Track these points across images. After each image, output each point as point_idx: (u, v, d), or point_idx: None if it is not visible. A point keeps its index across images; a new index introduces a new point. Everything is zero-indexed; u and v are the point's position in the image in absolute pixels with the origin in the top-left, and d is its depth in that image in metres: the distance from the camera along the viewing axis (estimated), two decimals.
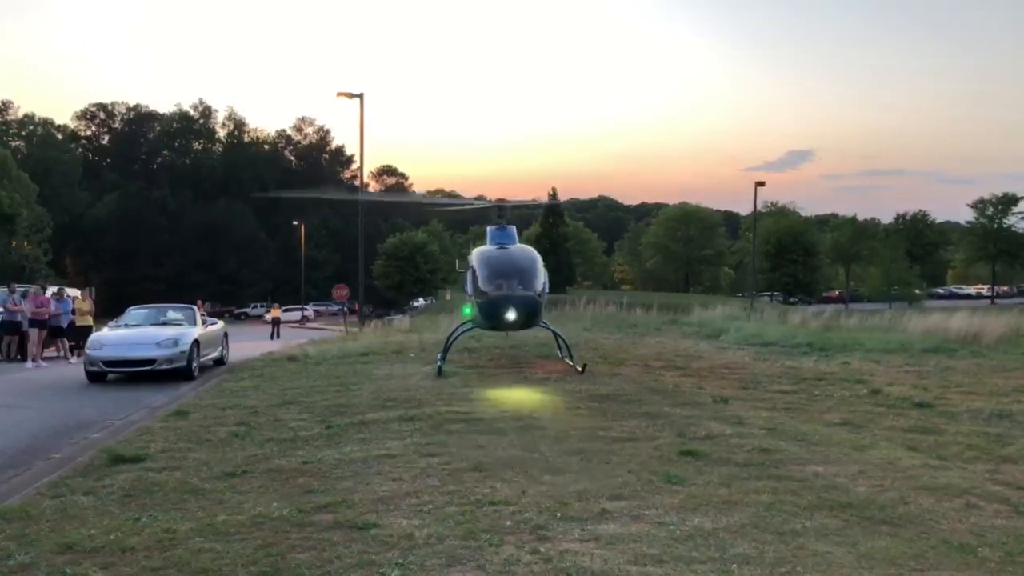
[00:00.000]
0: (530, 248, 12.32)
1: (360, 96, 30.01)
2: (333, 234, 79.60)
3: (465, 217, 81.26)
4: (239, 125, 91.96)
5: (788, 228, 74.53)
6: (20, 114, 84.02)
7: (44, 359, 17.16)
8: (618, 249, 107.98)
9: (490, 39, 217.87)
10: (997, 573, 3.86)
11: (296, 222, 70.23)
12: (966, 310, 21.66)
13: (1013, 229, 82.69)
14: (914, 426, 7.59)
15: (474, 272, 11.36)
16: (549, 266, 13.01)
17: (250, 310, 72.70)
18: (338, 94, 30.04)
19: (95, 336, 14.59)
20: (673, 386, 10.21)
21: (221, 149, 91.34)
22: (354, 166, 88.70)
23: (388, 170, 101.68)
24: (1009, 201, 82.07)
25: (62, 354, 18.14)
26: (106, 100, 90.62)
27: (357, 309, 38.43)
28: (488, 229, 12.98)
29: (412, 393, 9.55)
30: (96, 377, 13.31)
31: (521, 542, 4.18)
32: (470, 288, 11.62)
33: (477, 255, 11.80)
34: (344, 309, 43.75)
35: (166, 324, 14.82)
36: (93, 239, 74.93)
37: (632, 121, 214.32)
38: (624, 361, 13.22)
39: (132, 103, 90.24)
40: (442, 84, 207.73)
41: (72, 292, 20.70)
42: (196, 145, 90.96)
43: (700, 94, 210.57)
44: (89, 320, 18.46)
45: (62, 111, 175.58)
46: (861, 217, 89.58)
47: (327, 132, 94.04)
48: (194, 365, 13.68)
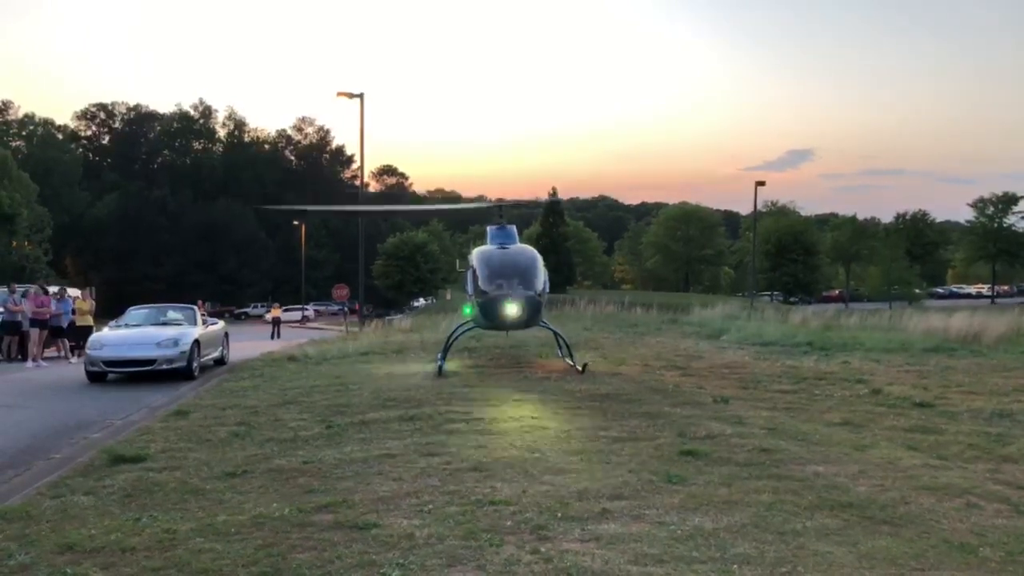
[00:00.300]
0: (530, 248, 12.32)
1: (360, 96, 30.06)
2: (333, 234, 79.65)
3: (465, 217, 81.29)
4: (239, 125, 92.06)
5: (788, 227, 74.55)
6: (20, 114, 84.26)
7: (44, 359, 17.16)
8: (618, 248, 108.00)
9: (490, 39, 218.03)
10: (998, 573, 3.86)
11: (296, 222, 70.26)
12: (966, 309, 21.68)
13: (1013, 228, 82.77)
14: (914, 426, 7.59)
15: (474, 272, 11.36)
16: (549, 266, 13.01)
17: (250, 310, 72.73)
18: (338, 94, 30.14)
19: (95, 336, 14.60)
20: (673, 386, 10.21)
21: (221, 149, 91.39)
22: (354, 166, 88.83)
23: (388, 170, 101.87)
24: (1009, 200, 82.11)
25: (62, 354, 18.15)
26: (106, 100, 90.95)
27: (357, 309, 38.45)
28: (488, 229, 12.97)
29: (412, 393, 9.54)
30: (96, 377, 13.31)
31: (521, 542, 4.18)
32: (470, 288, 11.62)
33: (477, 255, 11.80)
34: (344, 309, 43.77)
35: (166, 324, 14.83)
36: (93, 239, 74.94)
37: (632, 121, 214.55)
38: (624, 361, 13.21)
39: (132, 103, 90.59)
40: (442, 84, 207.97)
41: (72, 292, 20.72)
42: (196, 145, 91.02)
43: (700, 94, 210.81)
44: (89, 320, 18.46)
45: (62, 111, 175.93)
46: (861, 217, 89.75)
47: (327, 132, 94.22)
48: (194, 365, 13.68)
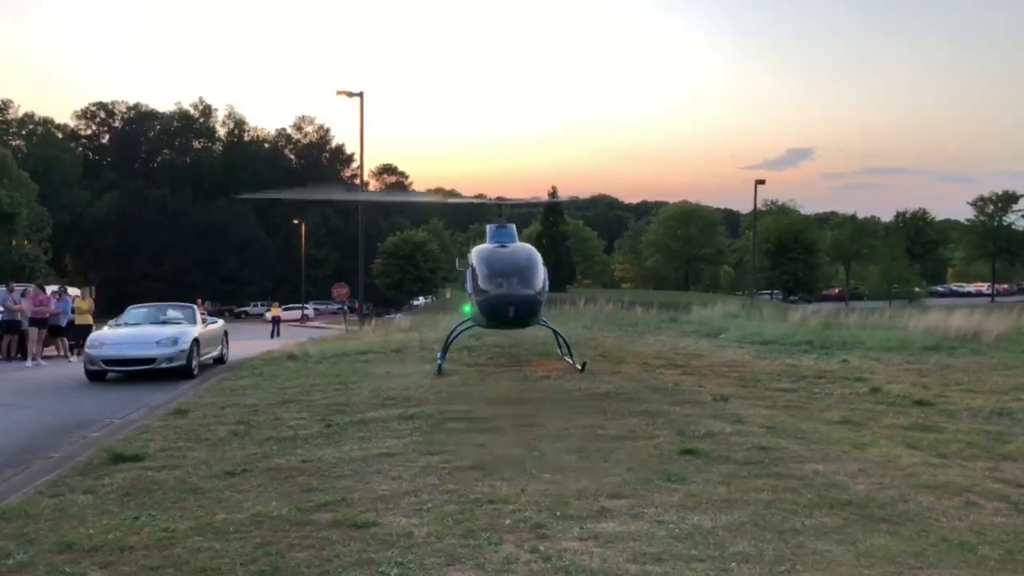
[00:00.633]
0: (530, 246, 12.31)
1: (360, 95, 30.03)
2: (333, 233, 79.59)
3: (465, 217, 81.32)
4: (239, 124, 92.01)
5: (788, 226, 74.49)
6: (20, 113, 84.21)
7: (44, 358, 17.15)
8: (618, 247, 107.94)
9: (490, 38, 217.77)
10: (997, 571, 3.85)
11: (296, 221, 70.23)
12: (966, 308, 21.66)
13: (1013, 227, 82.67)
14: (914, 424, 7.59)
15: (474, 270, 11.35)
16: (549, 264, 13.00)
17: (250, 309, 72.74)
18: (338, 92, 30.07)
19: (95, 335, 14.59)
20: (673, 384, 10.20)
21: (221, 148, 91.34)
22: (354, 165, 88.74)
23: (388, 169, 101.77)
24: (1009, 199, 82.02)
25: (62, 353, 18.15)
26: (106, 99, 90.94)
27: (357, 308, 38.44)
28: (488, 227, 12.97)
29: (412, 392, 9.54)
30: (96, 376, 13.30)
31: (520, 540, 4.17)
32: (470, 286, 11.61)
33: (477, 253, 11.80)
34: (344, 308, 43.79)
35: (166, 323, 14.82)
36: (93, 238, 74.93)
37: (632, 119, 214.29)
38: (624, 359, 13.21)
39: (132, 102, 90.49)
40: (442, 83, 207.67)
41: (72, 291, 20.71)
42: (196, 144, 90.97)
43: (700, 92, 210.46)
44: (89, 319, 18.46)
45: (62, 110, 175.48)
46: (861, 215, 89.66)
47: (327, 131, 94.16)
48: (194, 364, 13.67)
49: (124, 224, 74.36)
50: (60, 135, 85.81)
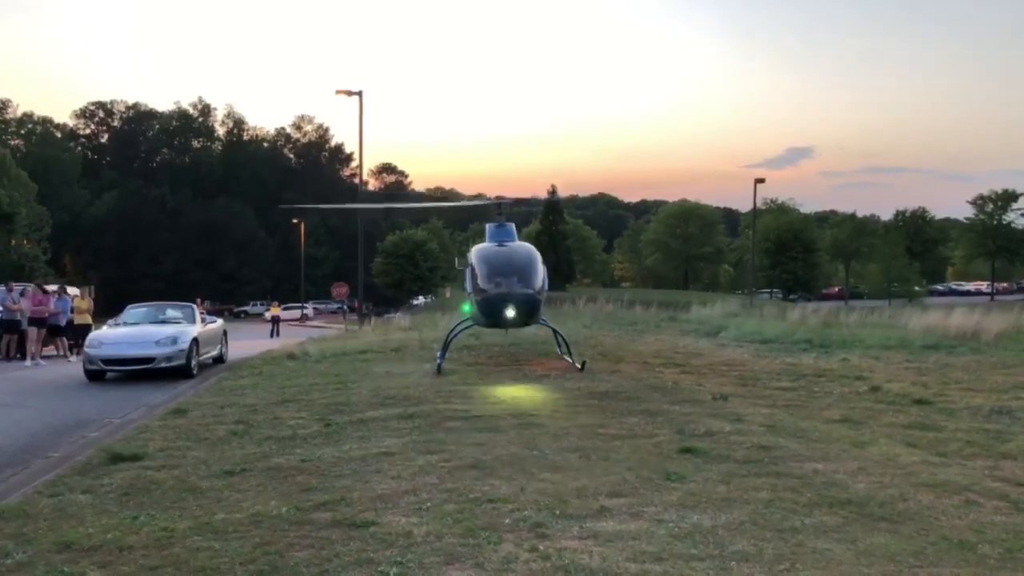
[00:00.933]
0: (529, 246, 12.32)
1: (359, 94, 29.98)
2: (332, 232, 79.54)
3: (465, 216, 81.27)
4: (238, 123, 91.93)
5: (788, 225, 74.43)
6: (19, 113, 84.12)
7: (43, 358, 17.15)
8: (618, 246, 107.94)
9: (490, 38, 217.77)
10: (997, 570, 3.85)
11: (295, 220, 70.18)
12: (965, 307, 21.65)
13: (1012, 225, 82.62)
14: (914, 423, 7.58)
15: (473, 270, 11.35)
16: (548, 263, 13.00)
17: (249, 308, 72.74)
18: (337, 92, 30.02)
19: (94, 334, 14.58)
20: (672, 383, 10.20)
21: (220, 147, 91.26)
22: (353, 164, 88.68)
23: (388, 168, 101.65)
24: (1008, 197, 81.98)
25: (61, 353, 18.14)
26: (105, 99, 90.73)
27: (356, 307, 38.43)
28: (487, 226, 12.97)
29: (411, 391, 9.54)
30: (95, 375, 13.30)
31: (520, 540, 4.17)
32: (469, 285, 11.61)
33: (476, 252, 11.79)
34: (344, 307, 43.79)
35: (165, 322, 14.82)
36: (92, 237, 74.89)
37: (632, 118, 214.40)
38: (623, 358, 13.20)
39: (131, 101, 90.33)
40: (442, 82, 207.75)
41: (71, 291, 20.70)
42: (195, 143, 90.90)
43: (700, 91, 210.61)
44: (88, 318, 18.46)
45: (61, 110, 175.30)
46: (861, 214, 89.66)
47: (326, 130, 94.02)
48: (193, 363, 13.66)
49: (123, 223, 74.33)
50: (59, 135, 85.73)
